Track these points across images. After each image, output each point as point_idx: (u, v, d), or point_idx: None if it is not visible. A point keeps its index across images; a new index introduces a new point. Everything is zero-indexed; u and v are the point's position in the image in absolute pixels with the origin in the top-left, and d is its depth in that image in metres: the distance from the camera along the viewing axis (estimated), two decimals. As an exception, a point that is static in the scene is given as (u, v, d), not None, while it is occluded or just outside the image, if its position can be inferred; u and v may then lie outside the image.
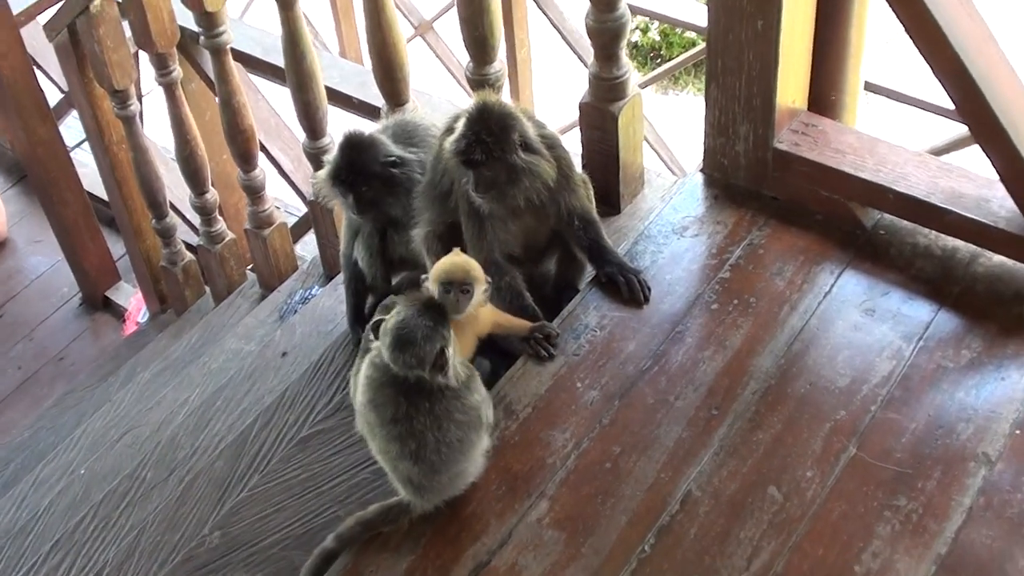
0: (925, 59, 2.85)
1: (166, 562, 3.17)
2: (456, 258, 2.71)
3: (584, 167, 3.48)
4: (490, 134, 2.85)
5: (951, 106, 2.94)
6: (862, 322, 2.93)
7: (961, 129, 4.56)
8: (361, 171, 3.23)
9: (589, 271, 3.21)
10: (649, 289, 3.06)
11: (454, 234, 3.11)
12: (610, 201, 3.52)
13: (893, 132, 3.32)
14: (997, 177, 2.91)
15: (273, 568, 2.99)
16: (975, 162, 3.03)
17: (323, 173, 3.32)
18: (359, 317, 3.63)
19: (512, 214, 3.02)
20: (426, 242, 3.17)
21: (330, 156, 3.40)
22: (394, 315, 2.50)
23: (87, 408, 4.81)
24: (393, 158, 3.23)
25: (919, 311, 2.94)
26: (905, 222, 3.11)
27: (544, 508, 2.63)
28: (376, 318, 2.56)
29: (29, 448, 4.83)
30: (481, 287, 2.67)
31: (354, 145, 3.24)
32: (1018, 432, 2.66)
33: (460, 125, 2.90)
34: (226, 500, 3.26)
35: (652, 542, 2.55)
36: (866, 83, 3.38)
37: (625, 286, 3.04)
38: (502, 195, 2.94)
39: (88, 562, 3.38)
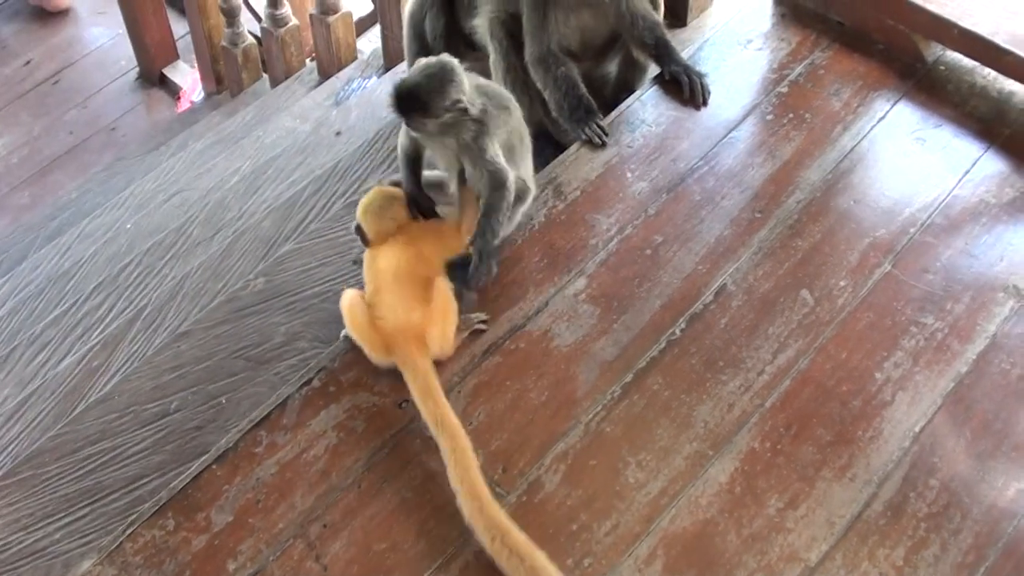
0: None
1: (208, 305, 3.26)
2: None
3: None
4: None
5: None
6: (912, 150, 2.97)
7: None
8: None
9: (649, 76, 3.26)
10: (709, 93, 3.10)
11: (516, 23, 3.16)
12: (677, 13, 3.56)
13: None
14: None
15: (311, 317, 3.08)
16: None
17: None
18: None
19: (573, 8, 3.05)
20: (490, 27, 3.21)
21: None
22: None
23: (136, 173, 4.86)
24: None
25: (968, 146, 2.98)
26: (965, 60, 3.14)
27: (582, 284, 2.71)
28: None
29: (75, 207, 4.89)
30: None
31: None
32: (1051, 270, 2.72)
33: None
34: (271, 256, 3.35)
35: (683, 327, 2.62)
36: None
37: (688, 86, 3.09)
38: None
39: (129, 304, 3.47)
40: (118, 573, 2.29)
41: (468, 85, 2.52)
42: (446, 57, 2.52)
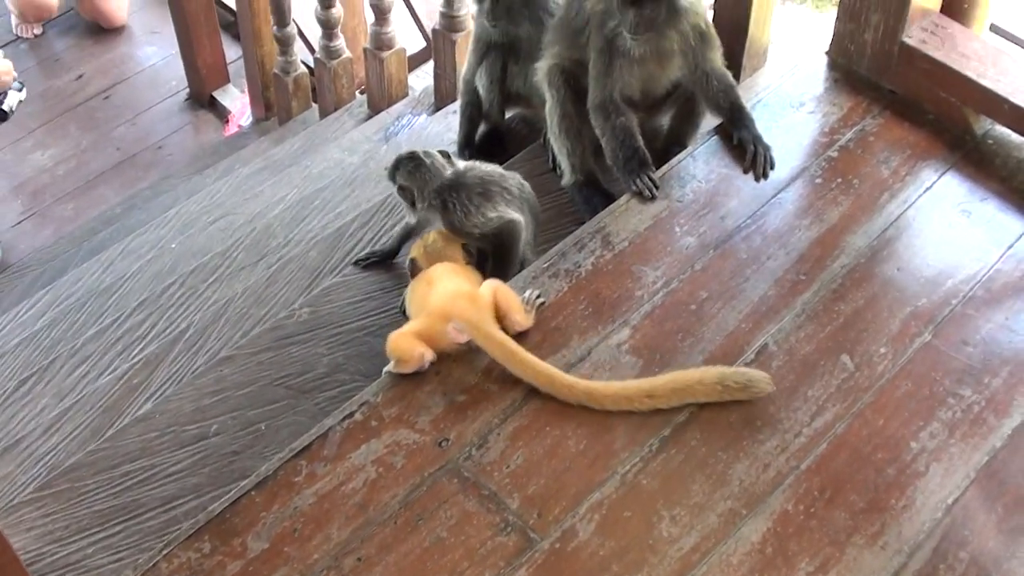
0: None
1: (250, 331, 3.30)
2: None
3: (712, 32, 3.54)
4: None
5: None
6: (957, 221, 2.99)
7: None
8: None
9: (701, 131, 3.30)
10: (773, 167, 3.13)
11: (577, 71, 3.20)
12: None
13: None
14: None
15: (355, 350, 3.12)
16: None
17: None
18: (470, 142, 3.74)
19: (640, 59, 3.09)
20: (549, 74, 3.27)
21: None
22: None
23: (182, 194, 4.91)
24: None
25: (1013, 221, 2.99)
26: (1014, 136, 3.16)
27: (626, 335, 2.74)
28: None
29: (119, 222, 4.95)
30: None
31: None
32: (1091, 348, 2.73)
33: None
34: (316, 286, 3.38)
35: (723, 384, 2.65)
36: (992, 25, 3.44)
37: (751, 155, 3.11)
38: (658, 35, 3.03)
39: (171, 324, 3.52)
40: (152, 593, 2.33)
41: (436, 181, 3.03)
42: (436, 152, 3.10)
